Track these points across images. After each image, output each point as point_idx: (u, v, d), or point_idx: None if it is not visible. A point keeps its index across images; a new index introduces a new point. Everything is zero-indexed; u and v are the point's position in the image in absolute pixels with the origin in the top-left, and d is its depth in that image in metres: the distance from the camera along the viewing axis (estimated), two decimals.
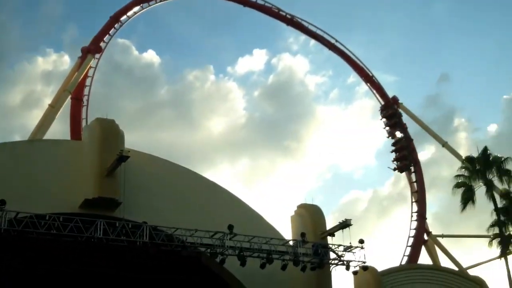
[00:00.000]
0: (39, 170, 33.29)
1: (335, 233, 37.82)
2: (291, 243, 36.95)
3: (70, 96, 50.32)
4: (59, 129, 53.54)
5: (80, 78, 51.25)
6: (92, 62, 53.12)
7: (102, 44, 54.44)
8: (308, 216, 39.88)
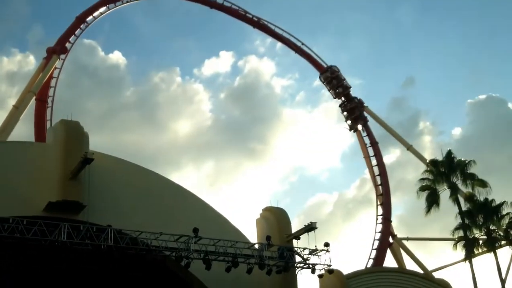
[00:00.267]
0: (2, 172, 32.67)
1: (300, 236, 37.89)
2: (256, 246, 36.92)
3: (34, 97, 49.81)
4: (23, 130, 53.04)
5: (45, 79, 50.79)
6: (57, 63, 52.73)
7: (67, 44, 54.07)
8: (274, 219, 39.94)
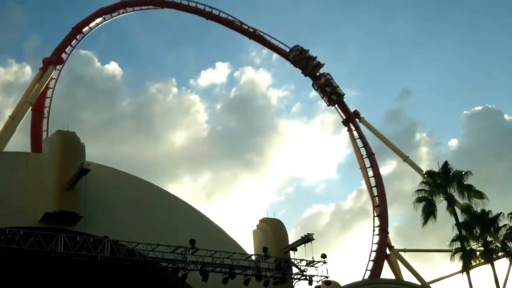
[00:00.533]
0: None
1: (297, 247, 37.86)
2: (253, 257, 36.85)
3: (31, 107, 49.68)
4: (20, 141, 52.78)
5: (41, 90, 50.61)
6: (54, 74, 52.49)
7: (64, 55, 53.84)
8: (270, 230, 39.92)
